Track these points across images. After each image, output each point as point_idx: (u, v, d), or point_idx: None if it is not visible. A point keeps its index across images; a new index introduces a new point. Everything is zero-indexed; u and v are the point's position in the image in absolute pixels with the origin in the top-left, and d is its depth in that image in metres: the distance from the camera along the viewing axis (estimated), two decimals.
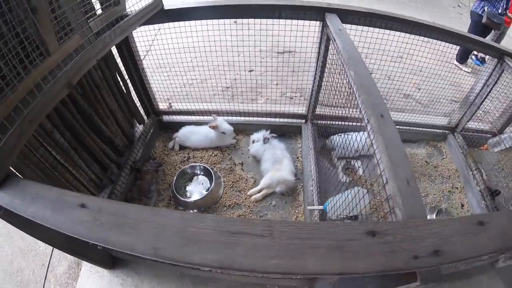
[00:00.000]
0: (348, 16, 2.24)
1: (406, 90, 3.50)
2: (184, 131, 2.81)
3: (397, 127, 2.98)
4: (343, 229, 0.90)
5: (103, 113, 2.19)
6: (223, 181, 2.63)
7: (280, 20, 2.25)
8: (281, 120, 2.85)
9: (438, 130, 3.15)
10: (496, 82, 2.74)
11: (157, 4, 2.17)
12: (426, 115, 3.14)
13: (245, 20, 2.27)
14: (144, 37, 2.41)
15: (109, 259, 2.08)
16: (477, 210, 2.74)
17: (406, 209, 1.01)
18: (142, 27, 2.23)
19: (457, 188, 2.90)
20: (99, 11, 1.89)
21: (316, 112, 2.82)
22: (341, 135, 2.76)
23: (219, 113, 2.89)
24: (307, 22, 2.29)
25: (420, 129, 3.12)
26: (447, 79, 2.85)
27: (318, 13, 2.23)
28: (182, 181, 2.62)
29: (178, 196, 2.47)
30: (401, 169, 1.14)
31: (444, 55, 2.64)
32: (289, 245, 0.85)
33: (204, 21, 2.31)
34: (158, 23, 2.28)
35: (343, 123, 2.90)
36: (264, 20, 2.25)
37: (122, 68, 2.45)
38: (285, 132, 2.92)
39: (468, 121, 3.01)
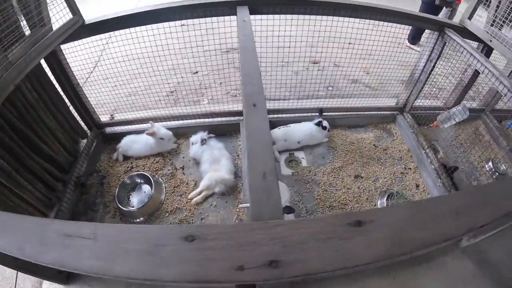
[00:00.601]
0: (263, 7, 2.20)
1: (355, 75, 3.42)
2: (125, 141, 2.78)
3: (344, 113, 2.98)
4: (160, 233, 0.82)
5: (42, 132, 2.16)
6: (165, 187, 2.60)
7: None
8: (220, 119, 2.81)
9: (386, 112, 3.07)
10: (439, 56, 2.67)
11: (76, 20, 2.17)
12: (374, 98, 3.06)
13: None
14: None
15: (62, 275, 2.06)
16: (434, 189, 2.64)
17: (255, 208, 0.91)
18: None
19: (410, 168, 2.80)
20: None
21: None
22: (280, 128, 2.72)
23: (160, 119, 2.86)
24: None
25: (368, 113, 3.04)
26: (398, 61, 2.77)
27: (230, 8, 2.20)
28: (125, 192, 2.60)
29: (121, 207, 2.44)
30: (260, 161, 1.05)
31: (395, 37, 2.57)
32: (105, 248, 0.78)
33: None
34: (81, 38, 2.28)
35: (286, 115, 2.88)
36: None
37: (58, 86, 2.45)
38: (225, 131, 2.88)
39: (415, 100, 2.92)
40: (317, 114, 2.82)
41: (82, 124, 2.78)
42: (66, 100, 2.56)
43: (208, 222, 2.38)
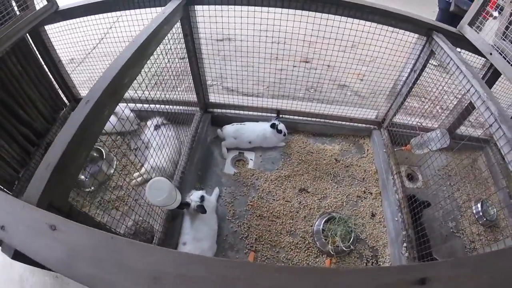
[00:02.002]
0: None
1: (346, 80, 3.08)
2: None
3: (309, 118, 2.73)
4: None
5: (23, 101, 2.39)
6: (116, 163, 2.68)
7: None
8: (180, 108, 2.77)
9: (361, 125, 2.72)
10: (424, 66, 2.29)
11: (50, 7, 2.33)
12: (353, 108, 2.74)
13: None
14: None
15: None
16: (390, 224, 2.32)
17: None
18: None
19: (371, 193, 2.47)
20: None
21: (211, 101, 2.69)
22: (233, 125, 2.60)
23: (128, 100, 2.92)
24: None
25: (338, 122, 2.74)
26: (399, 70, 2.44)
27: None
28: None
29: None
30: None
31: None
32: None
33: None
34: (56, 22, 2.42)
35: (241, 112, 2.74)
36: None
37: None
38: (183, 120, 2.84)
39: (394, 115, 2.55)
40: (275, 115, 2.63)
41: (63, 97, 2.99)
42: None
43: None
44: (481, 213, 2.50)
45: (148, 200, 1.76)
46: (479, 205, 2.54)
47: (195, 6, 2.11)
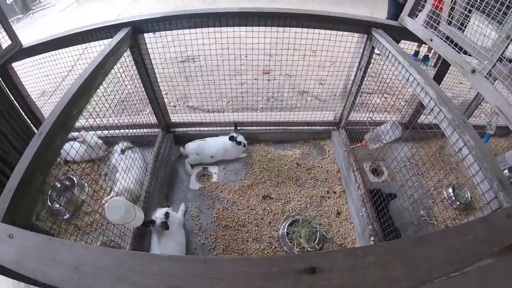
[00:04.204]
0: (145, 25, 2.18)
1: (305, 86, 3.15)
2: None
3: (268, 127, 2.79)
4: None
5: None
6: (87, 190, 2.75)
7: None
8: (142, 130, 2.85)
9: (320, 127, 2.78)
10: (368, 63, 2.36)
11: (14, 45, 2.45)
12: (311, 112, 2.79)
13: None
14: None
15: None
16: (355, 219, 2.34)
17: None
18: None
19: (335, 192, 2.51)
20: None
21: (172, 121, 2.77)
22: (195, 141, 2.67)
23: (96, 128, 2.99)
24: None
25: (297, 127, 2.79)
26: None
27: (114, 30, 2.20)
28: (56, 192, 2.81)
29: (50, 205, 2.67)
30: None
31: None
32: None
33: None
34: (21, 60, 2.54)
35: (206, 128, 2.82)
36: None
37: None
38: (147, 142, 2.91)
39: (349, 113, 2.61)
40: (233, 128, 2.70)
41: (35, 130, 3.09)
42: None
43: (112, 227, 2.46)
44: (453, 197, 2.52)
45: (109, 219, 1.83)
46: (450, 189, 2.57)
47: (144, 34, 2.20)
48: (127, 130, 2.84)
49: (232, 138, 2.58)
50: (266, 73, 3.21)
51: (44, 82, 2.79)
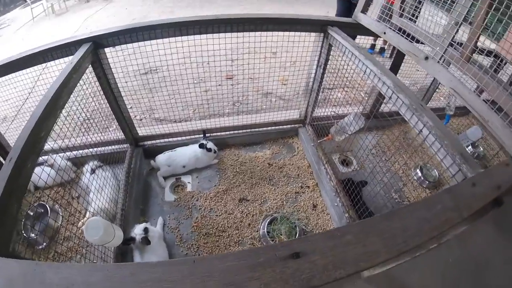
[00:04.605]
0: (106, 39, 2.18)
1: (269, 88, 3.22)
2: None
3: (236, 131, 2.83)
4: None
5: None
6: (61, 215, 2.69)
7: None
8: (110, 147, 2.82)
9: (287, 126, 2.85)
10: (327, 60, 2.44)
11: None
12: (277, 112, 2.86)
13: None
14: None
15: None
16: (331, 210, 2.42)
17: None
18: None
19: (308, 186, 2.58)
20: None
21: (140, 134, 2.76)
22: (165, 153, 2.67)
23: (58, 151, 2.92)
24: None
25: (265, 128, 2.85)
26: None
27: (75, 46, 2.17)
28: (30, 221, 2.73)
29: (25, 235, 2.58)
30: None
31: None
32: None
33: None
34: None
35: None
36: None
37: None
38: (117, 158, 2.89)
39: (313, 110, 2.69)
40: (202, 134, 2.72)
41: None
42: None
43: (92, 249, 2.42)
44: (422, 178, 2.65)
45: (89, 241, 1.80)
46: (418, 170, 2.70)
47: (105, 48, 2.17)
48: (95, 149, 2.80)
49: (202, 146, 2.59)
50: (230, 78, 3.24)
51: (4, 107, 2.70)
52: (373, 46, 5.20)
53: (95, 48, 2.12)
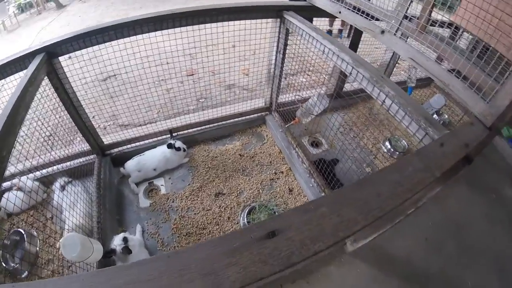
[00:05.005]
0: (59, 47, 2.09)
1: (231, 80, 3.20)
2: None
3: (204, 127, 2.81)
4: None
5: None
6: (38, 239, 2.61)
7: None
8: (77, 161, 2.74)
9: (253, 115, 2.86)
10: (285, 45, 2.45)
11: None
12: (242, 102, 2.86)
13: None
14: None
15: None
16: (308, 191, 2.45)
17: None
18: None
19: (282, 172, 2.60)
20: None
21: (106, 143, 2.69)
22: (134, 158, 2.62)
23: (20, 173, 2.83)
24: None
25: (233, 120, 2.85)
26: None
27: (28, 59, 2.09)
28: (8, 251, 2.64)
29: (6, 266, 2.49)
30: None
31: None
32: None
33: None
34: None
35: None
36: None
37: None
38: (86, 171, 2.82)
39: (277, 96, 2.70)
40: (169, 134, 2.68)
41: None
42: None
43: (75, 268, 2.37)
44: (392, 149, 2.72)
45: (67, 259, 1.75)
46: (387, 143, 2.76)
47: (59, 58, 2.09)
48: (62, 165, 2.72)
49: (170, 146, 2.56)
50: (191, 75, 3.20)
51: None
52: (330, 32, 5.25)
53: (49, 58, 2.04)
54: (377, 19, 1.86)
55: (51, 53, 2.05)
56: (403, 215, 1.04)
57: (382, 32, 1.78)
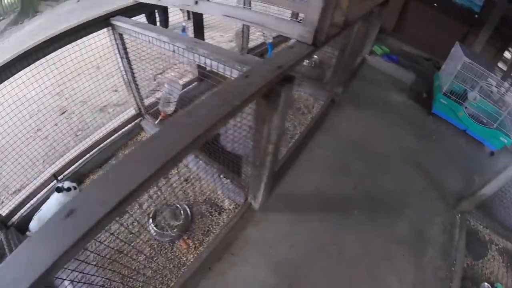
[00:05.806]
0: None
1: (103, 102, 3.18)
2: None
3: (84, 158, 2.74)
4: None
5: None
6: None
7: None
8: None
9: (129, 126, 2.87)
10: (125, 50, 2.45)
11: None
12: (114, 120, 2.85)
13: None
14: None
15: None
16: (202, 174, 2.51)
17: None
18: None
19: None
20: None
21: (4, 215, 2.61)
22: (34, 218, 2.51)
23: None
24: None
25: (115, 135, 2.83)
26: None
27: None
28: None
29: None
30: None
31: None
32: None
33: None
34: None
35: None
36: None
37: None
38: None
39: (142, 99, 2.73)
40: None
41: None
42: None
43: None
44: None
45: None
46: None
47: None
48: None
49: (59, 189, 2.48)
50: (63, 113, 3.15)
51: None
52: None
53: None
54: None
55: None
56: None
57: (196, 2, 1.91)
